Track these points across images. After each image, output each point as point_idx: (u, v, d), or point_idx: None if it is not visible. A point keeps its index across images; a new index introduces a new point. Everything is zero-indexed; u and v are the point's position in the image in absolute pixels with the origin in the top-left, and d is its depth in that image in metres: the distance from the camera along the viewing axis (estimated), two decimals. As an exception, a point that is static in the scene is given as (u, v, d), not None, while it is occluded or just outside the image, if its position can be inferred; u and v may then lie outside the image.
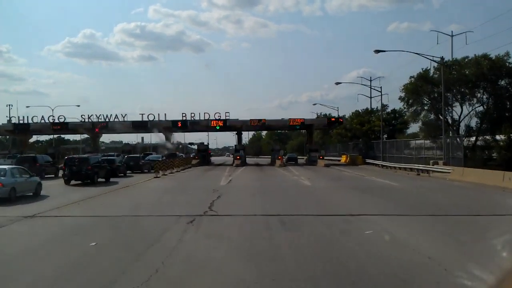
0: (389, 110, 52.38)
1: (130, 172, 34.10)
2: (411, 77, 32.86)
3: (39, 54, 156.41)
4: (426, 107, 31.89)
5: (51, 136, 65.76)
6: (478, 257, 7.10)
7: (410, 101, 32.55)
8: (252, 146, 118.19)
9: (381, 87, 44.11)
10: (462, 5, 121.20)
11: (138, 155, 38.42)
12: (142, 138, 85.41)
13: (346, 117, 58.53)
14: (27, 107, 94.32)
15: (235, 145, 53.79)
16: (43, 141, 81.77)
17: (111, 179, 26.04)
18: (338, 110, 57.70)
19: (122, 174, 30.70)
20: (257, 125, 49.52)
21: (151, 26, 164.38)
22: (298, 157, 78.30)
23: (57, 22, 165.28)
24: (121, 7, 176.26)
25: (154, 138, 76.59)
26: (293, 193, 18.35)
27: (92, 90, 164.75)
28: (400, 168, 35.98)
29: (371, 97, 58.85)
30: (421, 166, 30.81)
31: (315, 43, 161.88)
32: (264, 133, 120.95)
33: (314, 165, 46.80)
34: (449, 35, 42.89)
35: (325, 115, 66.69)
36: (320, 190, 19.43)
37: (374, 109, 54.03)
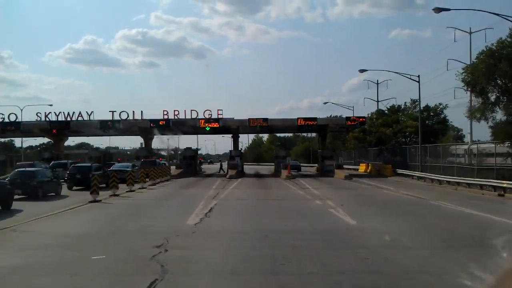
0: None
1: (77, 187, 23.93)
2: (480, 53, 22.55)
3: (40, 60, 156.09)
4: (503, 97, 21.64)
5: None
6: None
7: (478, 87, 22.32)
8: (251, 153, 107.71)
9: (419, 76, 33.55)
10: (464, 12, 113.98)
11: (89, 164, 27.97)
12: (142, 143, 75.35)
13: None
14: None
15: (230, 151, 43.48)
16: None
17: (32, 202, 15.72)
18: (353, 110, 46.38)
19: (53, 193, 20.44)
20: (257, 126, 39.24)
21: (152, 32, 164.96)
22: (302, 164, 68.36)
23: (58, 28, 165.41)
24: (122, 13, 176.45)
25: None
26: (344, 259, 7.50)
27: (94, 96, 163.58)
28: (452, 182, 25.80)
29: (378, 101, 49.33)
30: (504, 183, 20.38)
31: (316, 49, 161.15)
32: (265, 137, 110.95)
33: (331, 176, 36.48)
34: (467, 32, 35.66)
35: (335, 117, 56.52)
36: (394, 246, 9.09)
37: (402, 106, 43.62)
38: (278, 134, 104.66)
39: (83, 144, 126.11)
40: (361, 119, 39.83)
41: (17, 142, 64.31)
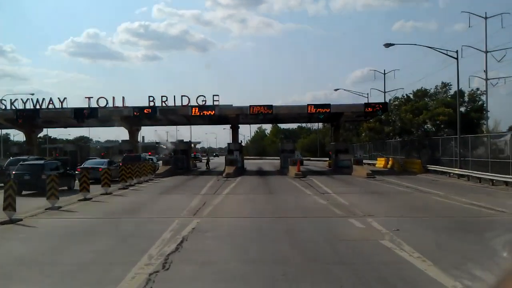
0: (451, 92, 35.74)
1: (28, 192, 18.07)
2: None
3: (43, 54, 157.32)
4: None
5: None
6: None
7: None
8: (254, 146, 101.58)
9: (457, 51, 27.19)
10: (468, 3, 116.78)
11: (41, 162, 21.75)
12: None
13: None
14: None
15: (228, 144, 37.42)
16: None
17: None
18: (368, 97, 39.98)
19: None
20: (260, 113, 33.06)
21: (155, 25, 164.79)
22: (309, 159, 62.22)
23: (61, 22, 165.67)
24: (125, 6, 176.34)
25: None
26: None
27: (97, 89, 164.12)
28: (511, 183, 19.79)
29: (385, 92, 43.43)
30: None
31: (319, 42, 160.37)
32: (268, 129, 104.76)
33: (347, 173, 30.40)
34: (482, 17, 33.02)
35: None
36: None
37: (429, 91, 37.23)
38: (282, 126, 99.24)
39: (82, 138, 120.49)
40: (381, 105, 33.56)
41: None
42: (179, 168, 34.14)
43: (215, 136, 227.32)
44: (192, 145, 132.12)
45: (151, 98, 33.83)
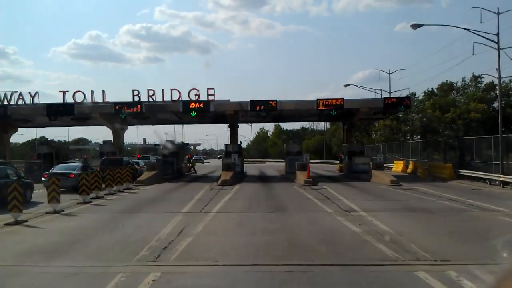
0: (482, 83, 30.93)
1: None
2: None
3: (45, 56, 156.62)
4: None
5: None
6: None
7: None
8: (255, 148, 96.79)
9: (498, 34, 22.59)
10: (469, 5, 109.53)
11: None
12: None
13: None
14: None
15: (225, 146, 32.73)
16: None
17: None
18: (381, 93, 35.16)
19: None
20: (262, 110, 28.35)
21: (156, 27, 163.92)
22: (317, 162, 57.55)
23: (62, 24, 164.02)
24: (126, 8, 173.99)
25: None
26: None
27: (100, 91, 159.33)
28: None
29: (390, 92, 38.90)
30: None
31: (321, 43, 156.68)
32: (271, 130, 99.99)
33: (366, 180, 25.72)
34: (494, 13, 27.00)
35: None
36: None
37: (456, 84, 32.41)
38: (285, 127, 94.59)
39: (81, 139, 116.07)
40: (404, 101, 28.80)
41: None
42: (168, 173, 29.47)
43: (216, 137, 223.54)
44: (192, 147, 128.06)
45: (135, 92, 29.24)
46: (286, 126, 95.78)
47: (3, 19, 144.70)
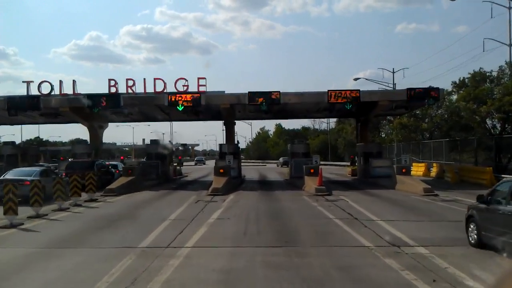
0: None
1: None
2: None
3: (45, 57, 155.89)
4: None
5: None
6: None
7: None
8: (255, 149, 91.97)
9: None
10: (471, 5, 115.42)
11: None
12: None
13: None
14: None
15: (220, 146, 28.06)
16: None
17: None
18: (395, 86, 30.46)
19: None
20: (262, 103, 23.62)
21: (157, 28, 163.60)
22: (321, 163, 52.80)
23: (63, 25, 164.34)
24: (127, 9, 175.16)
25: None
26: None
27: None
28: None
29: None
30: None
31: (322, 44, 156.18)
32: (272, 130, 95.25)
33: (389, 187, 21.11)
34: (506, 7, 27.36)
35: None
36: None
37: (491, 73, 27.67)
38: (287, 126, 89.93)
39: (77, 140, 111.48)
40: (432, 92, 24.09)
41: None
42: (152, 178, 24.82)
43: (215, 137, 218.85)
44: (191, 147, 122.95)
45: (112, 82, 24.54)
46: (288, 125, 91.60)
47: (4, 20, 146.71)
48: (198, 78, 24.28)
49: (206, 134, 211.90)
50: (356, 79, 38.99)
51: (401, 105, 25.63)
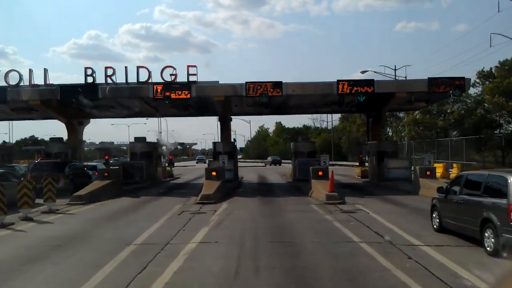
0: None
1: None
2: None
3: (45, 56, 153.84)
4: None
5: None
6: None
7: None
8: (254, 148, 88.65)
9: None
10: (470, 4, 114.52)
11: None
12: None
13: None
14: None
15: (214, 144, 24.88)
16: None
17: None
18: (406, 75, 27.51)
19: None
20: (263, 95, 20.33)
21: (156, 27, 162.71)
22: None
23: (62, 23, 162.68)
24: (126, 8, 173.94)
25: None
26: None
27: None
28: None
29: None
30: None
31: (322, 43, 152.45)
32: (271, 127, 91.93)
33: (411, 193, 17.94)
34: None
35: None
36: None
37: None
38: (287, 124, 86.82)
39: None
40: (457, 82, 20.84)
41: None
42: (135, 181, 21.63)
43: (214, 136, 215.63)
44: (188, 146, 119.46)
45: (88, 71, 21.26)
46: (288, 123, 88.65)
47: (3, 19, 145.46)
48: (188, 66, 21.09)
49: (205, 133, 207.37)
50: (363, 72, 35.45)
51: (421, 97, 22.41)
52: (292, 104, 25.01)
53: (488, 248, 7.50)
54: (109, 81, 21.18)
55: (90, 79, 21.23)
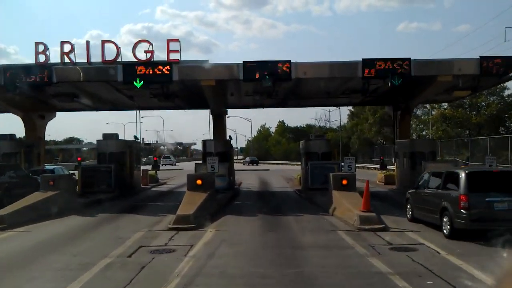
0: None
1: None
2: None
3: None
4: None
5: None
6: None
7: None
8: (255, 148, 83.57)
9: None
10: (472, 5, 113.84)
11: None
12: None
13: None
14: None
15: (203, 143, 19.95)
16: None
17: None
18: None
19: None
20: (266, 78, 15.37)
21: (158, 27, 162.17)
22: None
23: (63, 23, 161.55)
24: (127, 8, 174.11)
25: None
26: None
27: None
28: None
29: None
30: None
31: (323, 43, 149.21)
32: (274, 126, 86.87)
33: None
34: None
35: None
36: None
37: None
38: (290, 123, 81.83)
39: (72, 139, 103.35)
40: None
41: None
42: (100, 190, 16.73)
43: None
44: (191, 147, 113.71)
45: (40, 48, 16.29)
46: (291, 122, 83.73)
47: (4, 19, 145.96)
48: (168, 41, 16.18)
49: (204, 132, 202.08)
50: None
51: (469, 82, 17.37)
52: (302, 93, 19.99)
53: (445, 231, 9.16)
54: (66, 60, 16.30)
55: (42, 58, 16.29)
